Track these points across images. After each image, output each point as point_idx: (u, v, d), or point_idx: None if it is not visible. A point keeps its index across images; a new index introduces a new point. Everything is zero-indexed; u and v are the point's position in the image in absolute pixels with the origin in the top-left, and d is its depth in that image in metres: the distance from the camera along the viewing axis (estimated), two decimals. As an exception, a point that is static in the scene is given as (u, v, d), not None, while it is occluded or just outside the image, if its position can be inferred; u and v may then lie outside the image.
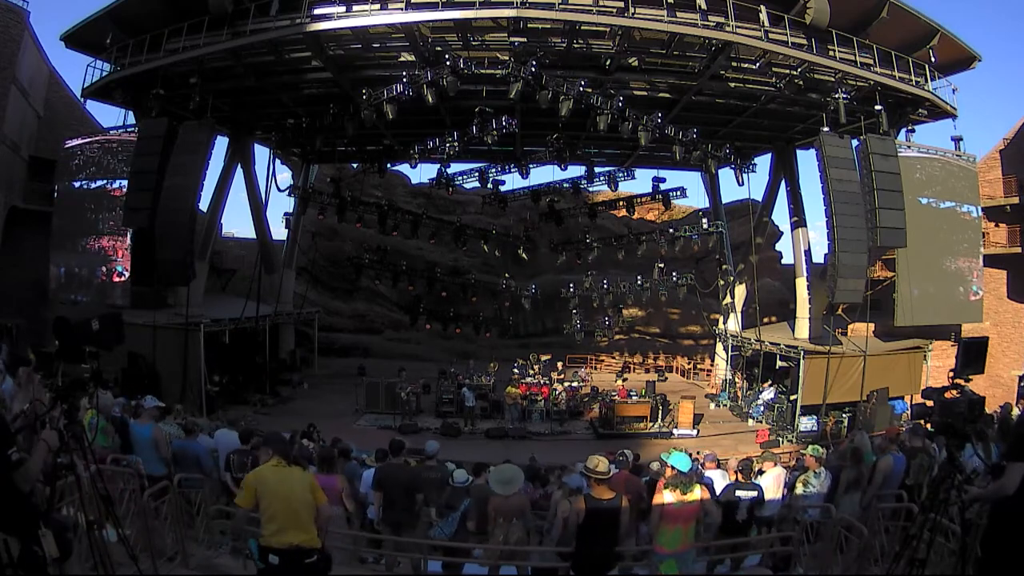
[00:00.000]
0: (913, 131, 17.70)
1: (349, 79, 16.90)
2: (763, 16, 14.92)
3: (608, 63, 15.94)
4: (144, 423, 6.76)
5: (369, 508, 6.28)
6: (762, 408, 19.24)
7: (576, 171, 23.42)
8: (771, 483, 6.90)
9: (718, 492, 6.77)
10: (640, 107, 16.79)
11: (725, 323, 24.28)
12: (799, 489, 6.46)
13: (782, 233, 29.31)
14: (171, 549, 5.47)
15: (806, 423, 16.72)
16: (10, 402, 4.99)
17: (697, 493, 4.70)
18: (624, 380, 21.41)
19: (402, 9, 14.17)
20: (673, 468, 4.77)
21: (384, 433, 15.26)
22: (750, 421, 19.00)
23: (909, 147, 17.25)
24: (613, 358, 28.70)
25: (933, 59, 16.62)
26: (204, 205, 18.78)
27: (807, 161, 27.63)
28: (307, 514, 3.73)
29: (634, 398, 18.06)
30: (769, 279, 27.73)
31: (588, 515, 4.37)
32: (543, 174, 49.35)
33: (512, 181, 24.60)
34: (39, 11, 42.00)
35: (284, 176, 33.54)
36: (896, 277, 17.07)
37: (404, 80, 15.13)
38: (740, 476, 6.81)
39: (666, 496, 4.71)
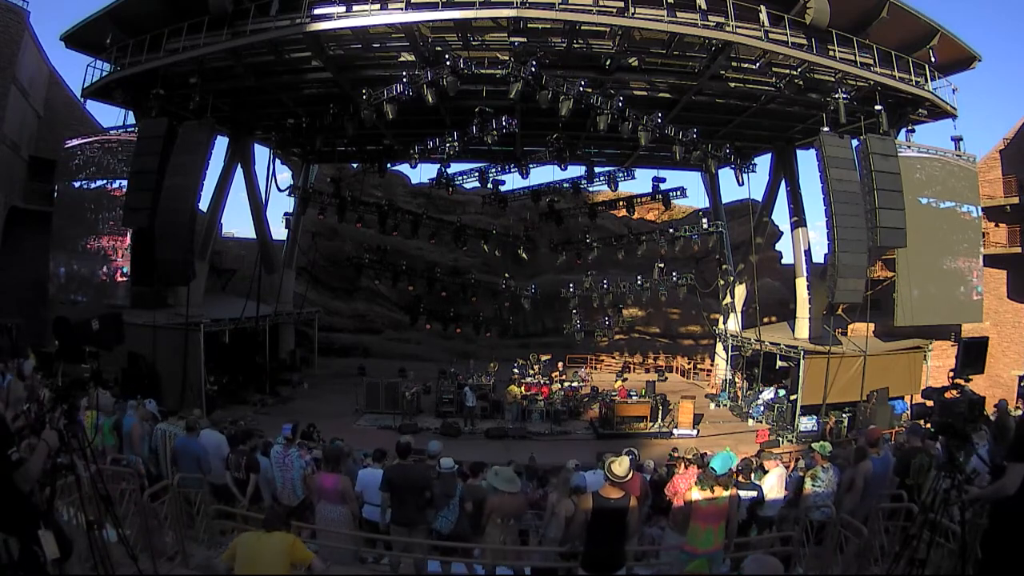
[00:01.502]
0: (913, 131, 17.68)
1: (349, 79, 16.90)
2: (763, 16, 14.92)
3: (608, 63, 15.92)
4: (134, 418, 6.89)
5: (364, 507, 6.27)
6: (762, 408, 19.24)
7: (576, 171, 23.45)
8: (774, 483, 6.89)
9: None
10: (640, 107, 16.78)
11: (725, 323, 24.28)
12: (808, 485, 6.44)
13: (782, 233, 29.33)
14: (171, 549, 5.47)
15: (806, 423, 16.71)
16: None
17: (726, 493, 4.72)
18: (624, 380, 21.39)
19: (402, 9, 14.16)
20: (712, 469, 4.81)
21: (384, 433, 15.27)
22: (750, 421, 19.00)
23: (909, 147, 17.23)
24: (613, 358, 28.69)
25: (933, 59, 16.62)
26: (204, 205, 18.85)
27: (807, 161, 27.76)
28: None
29: (634, 398, 18.04)
30: (769, 279, 27.71)
31: (595, 514, 4.35)
32: (543, 174, 49.56)
33: (512, 181, 24.67)
34: (39, 11, 42.15)
35: (284, 176, 33.74)
36: (896, 277, 17.06)
37: (404, 80, 15.11)
38: (740, 476, 6.81)
39: (694, 495, 4.71)
